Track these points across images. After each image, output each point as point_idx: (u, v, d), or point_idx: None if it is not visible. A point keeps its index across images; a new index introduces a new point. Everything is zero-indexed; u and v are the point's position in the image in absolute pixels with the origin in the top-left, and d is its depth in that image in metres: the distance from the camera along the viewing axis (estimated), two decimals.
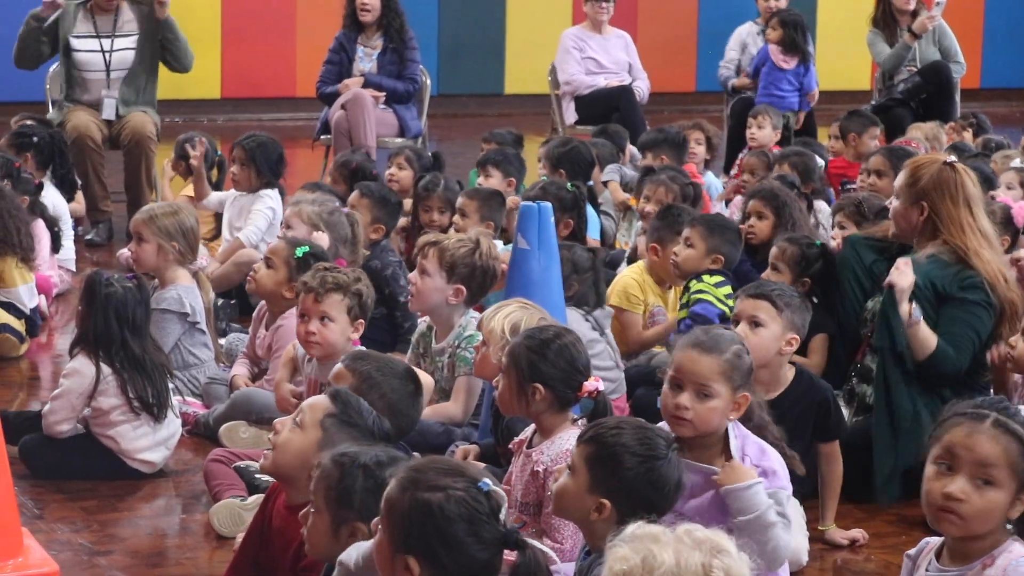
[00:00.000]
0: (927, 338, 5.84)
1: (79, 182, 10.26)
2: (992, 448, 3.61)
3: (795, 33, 12.11)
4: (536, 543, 3.52)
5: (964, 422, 3.67)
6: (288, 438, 4.33)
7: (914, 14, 12.43)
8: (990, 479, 3.61)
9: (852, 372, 6.28)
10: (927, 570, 3.74)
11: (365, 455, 3.94)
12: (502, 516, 3.43)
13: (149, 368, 5.96)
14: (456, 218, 7.96)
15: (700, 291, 6.60)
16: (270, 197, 8.67)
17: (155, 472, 6.03)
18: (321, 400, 4.40)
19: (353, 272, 6.05)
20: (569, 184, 8.18)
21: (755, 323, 5.48)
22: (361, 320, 5.91)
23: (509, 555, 3.47)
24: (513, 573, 3.46)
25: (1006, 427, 3.63)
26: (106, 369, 5.91)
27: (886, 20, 12.47)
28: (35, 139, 9.61)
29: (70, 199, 9.90)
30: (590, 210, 8.60)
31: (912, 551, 3.85)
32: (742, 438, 4.55)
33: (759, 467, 4.48)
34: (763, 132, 10.73)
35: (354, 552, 3.74)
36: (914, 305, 5.82)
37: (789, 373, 5.52)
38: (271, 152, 8.81)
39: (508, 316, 5.22)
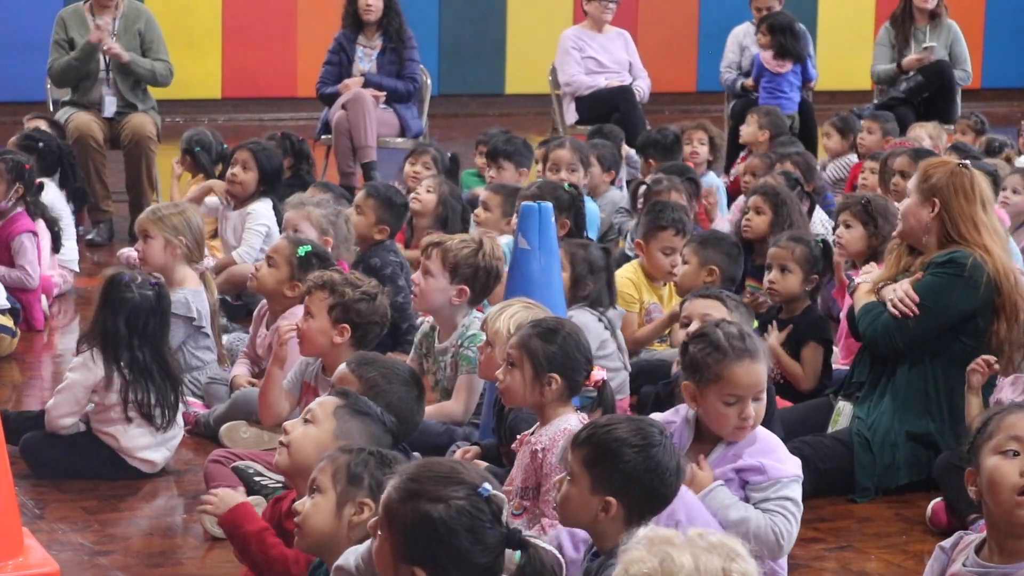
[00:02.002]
0: (859, 297, 6.05)
1: (88, 196, 10.26)
2: None
3: (784, 38, 12.10)
4: (540, 542, 3.52)
5: (1017, 410, 3.72)
6: (304, 432, 4.36)
7: (932, 15, 12.48)
8: None
9: (853, 368, 6.29)
10: (965, 564, 3.73)
11: (373, 449, 4.02)
12: (503, 518, 3.43)
13: (158, 378, 5.95)
14: (479, 211, 8.02)
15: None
16: (261, 213, 8.61)
17: (156, 472, 6.03)
18: (328, 397, 4.45)
19: (352, 277, 5.99)
20: (567, 184, 8.19)
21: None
22: (345, 325, 5.81)
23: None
24: (519, 573, 3.46)
25: None
26: (109, 368, 5.90)
27: (903, 17, 12.52)
28: (40, 144, 9.64)
29: (78, 210, 9.97)
30: (590, 207, 8.62)
31: (946, 543, 3.85)
32: (757, 448, 4.61)
33: (750, 465, 4.56)
34: (748, 130, 10.80)
35: (352, 556, 3.75)
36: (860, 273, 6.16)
37: None
38: (273, 159, 8.80)
39: (513, 316, 5.22)
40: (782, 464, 4.62)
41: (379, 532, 3.47)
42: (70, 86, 10.79)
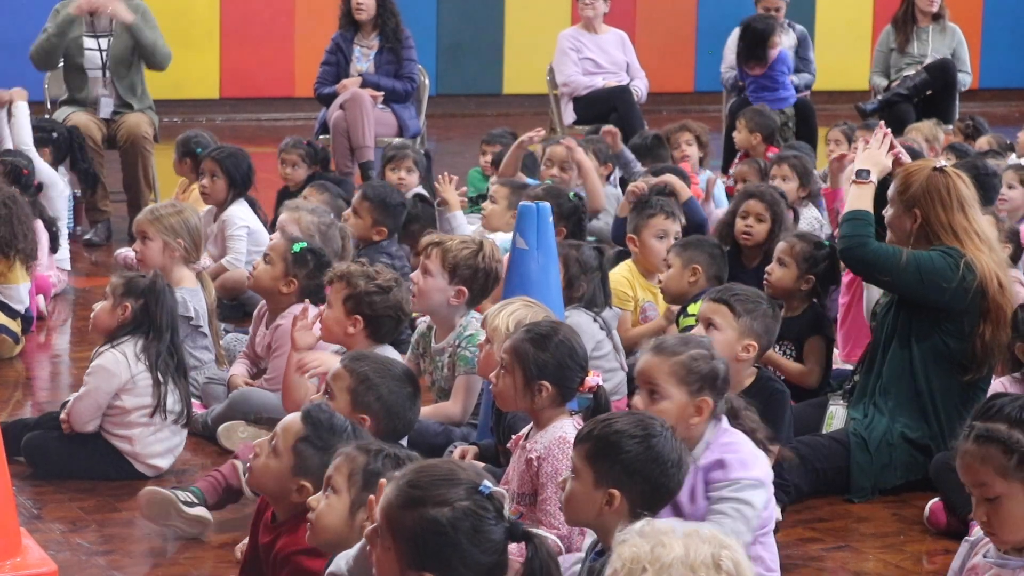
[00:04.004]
0: (858, 200, 5.97)
1: (99, 176, 10.31)
2: (978, 468, 3.70)
3: (752, 45, 12.06)
4: (541, 531, 3.53)
5: (957, 453, 3.76)
6: (265, 464, 4.37)
7: (936, 16, 12.51)
8: (995, 495, 3.66)
9: (856, 370, 6.28)
10: (985, 556, 3.76)
11: (390, 448, 4.02)
12: (505, 513, 3.44)
13: (184, 369, 6.00)
14: (486, 204, 8.08)
15: (688, 327, 6.60)
16: (238, 216, 8.61)
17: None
18: (294, 424, 4.38)
19: (370, 269, 6.00)
20: (572, 193, 8.22)
21: (710, 325, 5.52)
22: (357, 316, 5.89)
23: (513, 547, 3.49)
24: (528, 565, 3.47)
25: (986, 436, 3.67)
26: (138, 367, 5.91)
27: (905, 19, 12.54)
28: (54, 135, 9.70)
29: (91, 193, 10.20)
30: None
31: (971, 537, 3.87)
32: (719, 445, 4.54)
33: (712, 460, 4.49)
34: (740, 136, 10.79)
35: (342, 561, 3.76)
36: (865, 170, 6.04)
37: (749, 377, 5.56)
38: (241, 163, 8.77)
39: (512, 314, 5.22)
40: (744, 466, 4.51)
41: (379, 540, 3.46)
42: (51, 67, 10.76)
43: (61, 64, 10.86)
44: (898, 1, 12.96)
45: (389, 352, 5.69)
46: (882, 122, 6.46)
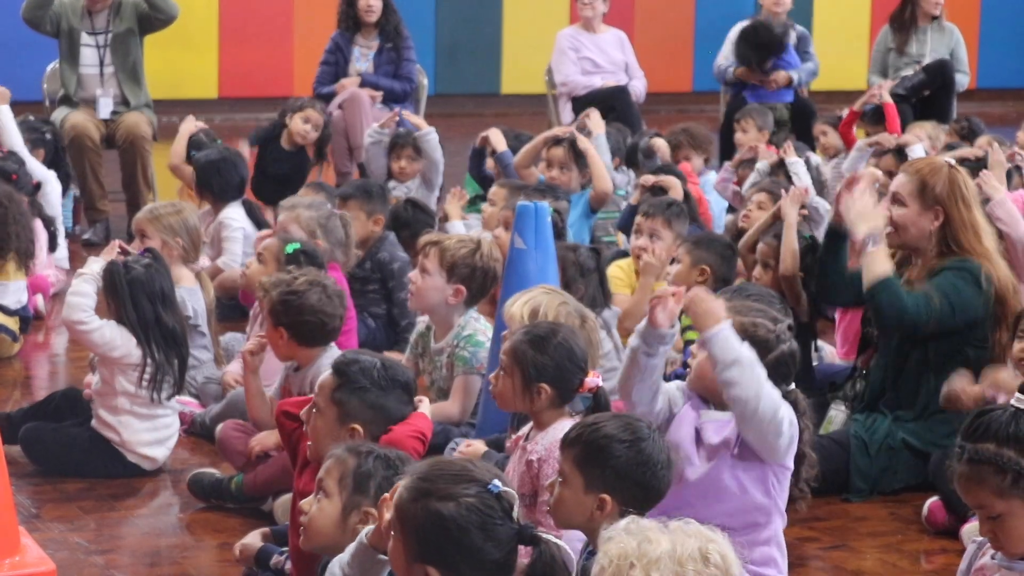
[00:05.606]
0: (878, 264, 5.80)
1: (72, 178, 10.30)
2: (975, 490, 3.67)
3: (749, 51, 12.08)
4: (550, 536, 3.53)
5: (953, 475, 3.73)
6: (315, 425, 4.48)
7: (933, 16, 12.51)
8: (997, 514, 3.65)
9: (857, 373, 6.27)
10: (993, 557, 3.76)
11: (380, 450, 4.04)
12: (515, 514, 3.44)
13: (180, 339, 5.99)
14: (485, 206, 8.10)
15: (690, 327, 6.59)
16: (233, 219, 8.60)
17: (153, 471, 6.03)
18: (326, 379, 4.54)
19: (288, 275, 5.85)
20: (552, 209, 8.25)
21: None
22: (280, 327, 5.66)
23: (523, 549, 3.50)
24: (531, 568, 3.47)
25: (977, 458, 3.65)
26: (136, 353, 5.89)
27: (906, 20, 12.52)
28: (47, 135, 9.70)
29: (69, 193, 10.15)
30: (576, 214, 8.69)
31: (980, 538, 3.87)
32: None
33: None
34: (747, 136, 10.75)
35: (336, 567, 3.77)
36: (872, 235, 5.83)
37: None
38: (220, 174, 8.70)
39: (528, 302, 5.19)
40: None
41: (392, 533, 3.48)
42: (41, 24, 10.70)
43: (57, 64, 10.87)
44: (895, 1, 12.95)
45: (334, 352, 5.50)
46: (856, 171, 6.39)
